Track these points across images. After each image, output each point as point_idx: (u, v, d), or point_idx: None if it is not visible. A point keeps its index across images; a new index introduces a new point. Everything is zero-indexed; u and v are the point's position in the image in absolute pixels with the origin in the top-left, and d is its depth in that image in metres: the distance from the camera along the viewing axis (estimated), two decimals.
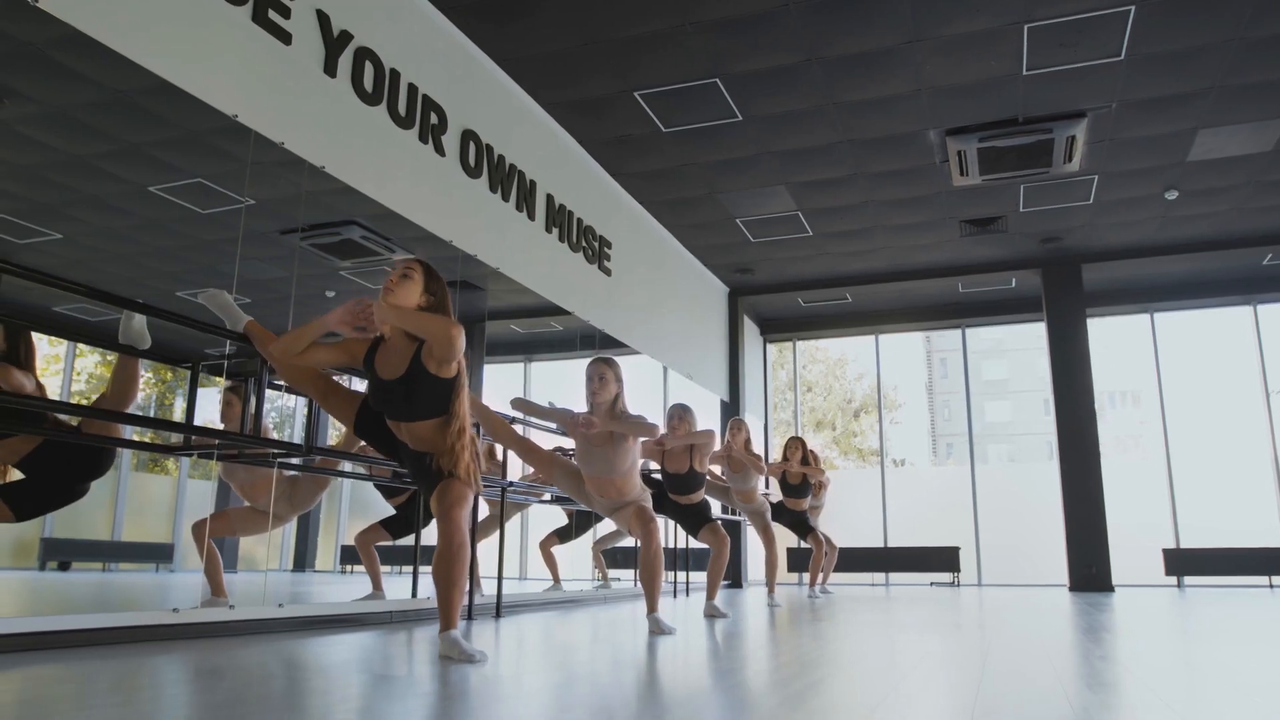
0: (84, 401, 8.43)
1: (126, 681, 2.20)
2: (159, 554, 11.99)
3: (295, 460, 4.13)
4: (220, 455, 3.72)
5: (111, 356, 3.54)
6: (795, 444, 7.44)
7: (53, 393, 3.69)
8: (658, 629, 3.76)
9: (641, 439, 4.04)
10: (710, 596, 4.97)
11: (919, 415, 35.87)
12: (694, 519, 5.19)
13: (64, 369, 11.21)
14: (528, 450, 4.30)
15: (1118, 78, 5.76)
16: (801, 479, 7.35)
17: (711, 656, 3.02)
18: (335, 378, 3.22)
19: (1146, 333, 10.09)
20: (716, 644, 3.41)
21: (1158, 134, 6.54)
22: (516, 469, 6.94)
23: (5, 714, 1.76)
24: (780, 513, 7.44)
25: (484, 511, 6.67)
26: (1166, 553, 9.34)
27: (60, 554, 10.80)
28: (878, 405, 12.10)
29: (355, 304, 2.81)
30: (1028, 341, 8.48)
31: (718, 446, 6.06)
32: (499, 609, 4.85)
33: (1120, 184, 7.42)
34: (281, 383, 4.13)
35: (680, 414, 5.15)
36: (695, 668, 2.71)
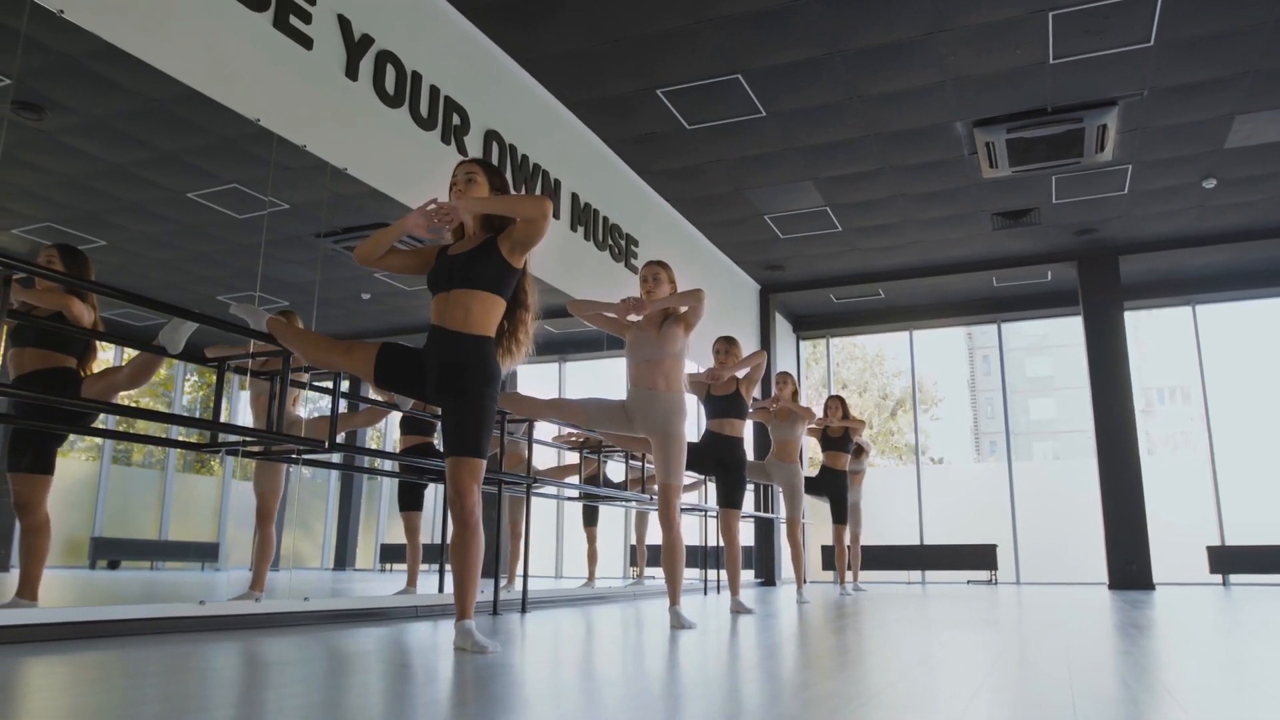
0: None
1: (136, 668, 2.28)
2: (205, 553, 12.25)
3: (321, 457, 4.20)
4: (245, 453, 3.81)
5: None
6: (835, 403, 7.45)
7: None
8: (678, 623, 3.76)
9: (690, 377, 4.09)
10: (734, 593, 4.96)
11: (962, 412, 35.39)
12: (729, 470, 5.08)
13: None
14: (560, 408, 4.38)
15: (1148, 64, 5.66)
16: (842, 432, 7.35)
17: (723, 650, 3.03)
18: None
19: (1189, 326, 9.87)
20: (733, 639, 3.42)
21: (1192, 121, 6.41)
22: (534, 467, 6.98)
23: (51, 695, 1.83)
24: (821, 483, 7.37)
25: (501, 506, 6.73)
26: (1211, 550, 9.13)
27: (110, 553, 11.09)
28: (913, 401, 11.98)
29: (431, 204, 2.81)
30: (1072, 337, 8.34)
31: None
32: (524, 604, 4.90)
33: (1155, 173, 7.27)
34: (305, 378, 4.23)
35: (726, 345, 5.22)
36: (701, 660, 2.72)
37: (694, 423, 7.50)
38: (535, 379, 12.03)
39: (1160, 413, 32.66)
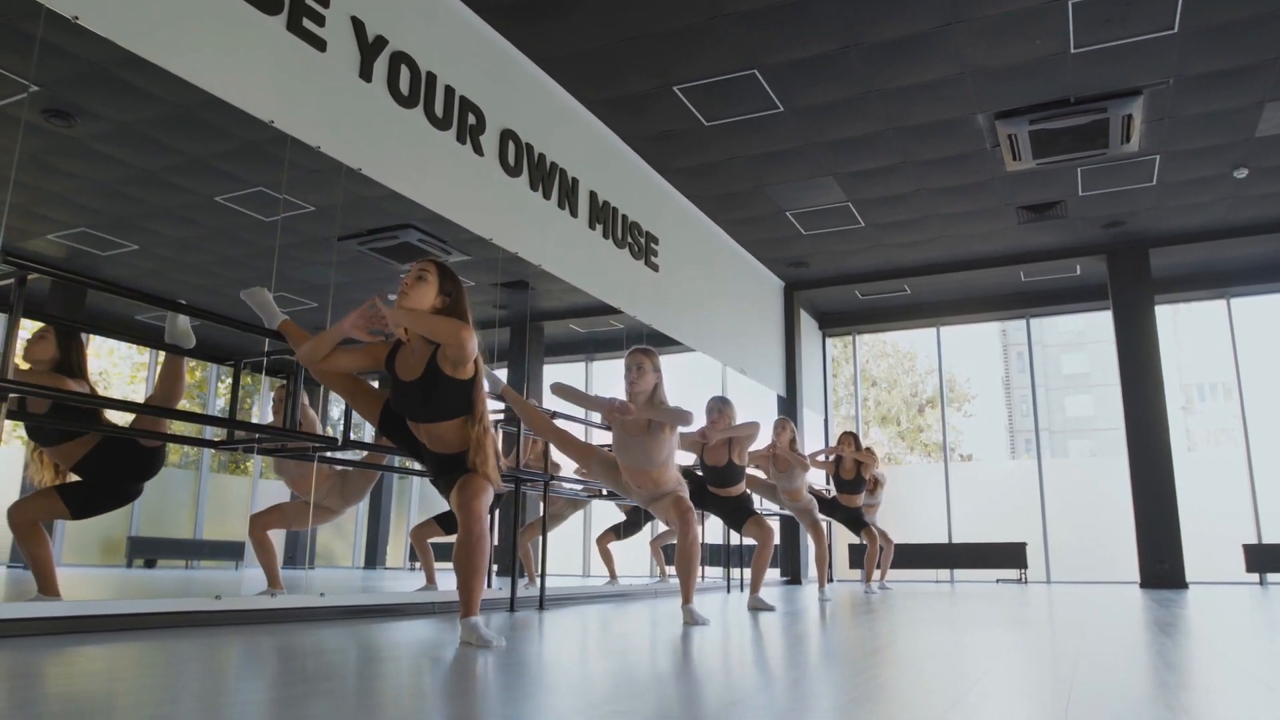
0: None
1: (167, 660, 2.32)
2: (238, 551, 12.44)
3: (337, 454, 4.25)
4: (261, 449, 3.87)
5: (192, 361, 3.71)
6: (847, 438, 7.40)
7: (136, 398, 3.94)
8: (691, 620, 3.76)
9: (682, 429, 4.09)
10: (754, 590, 4.95)
11: (996, 410, 34.93)
12: (736, 513, 5.20)
13: (148, 377, 11.76)
14: (565, 442, 4.37)
15: (1172, 52, 5.55)
16: (855, 474, 7.29)
17: (728, 645, 3.02)
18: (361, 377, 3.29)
19: (1224, 319, 9.67)
20: (743, 634, 3.41)
21: (1221, 109, 6.27)
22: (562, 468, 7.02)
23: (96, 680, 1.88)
24: (834, 509, 7.39)
25: (529, 511, 6.77)
26: (1247, 548, 8.94)
27: (146, 552, 11.30)
28: (940, 398, 11.87)
29: (368, 307, 2.79)
30: (1109, 333, 8.18)
31: (761, 441, 6.03)
32: (542, 601, 4.91)
33: (1184, 164, 7.14)
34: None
35: (719, 407, 5.14)
36: (705, 655, 2.71)
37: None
38: (562, 377, 12.07)
39: (1201, 409, 32.02)
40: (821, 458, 7.54)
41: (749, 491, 5.36)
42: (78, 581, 5.94)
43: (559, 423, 4.75)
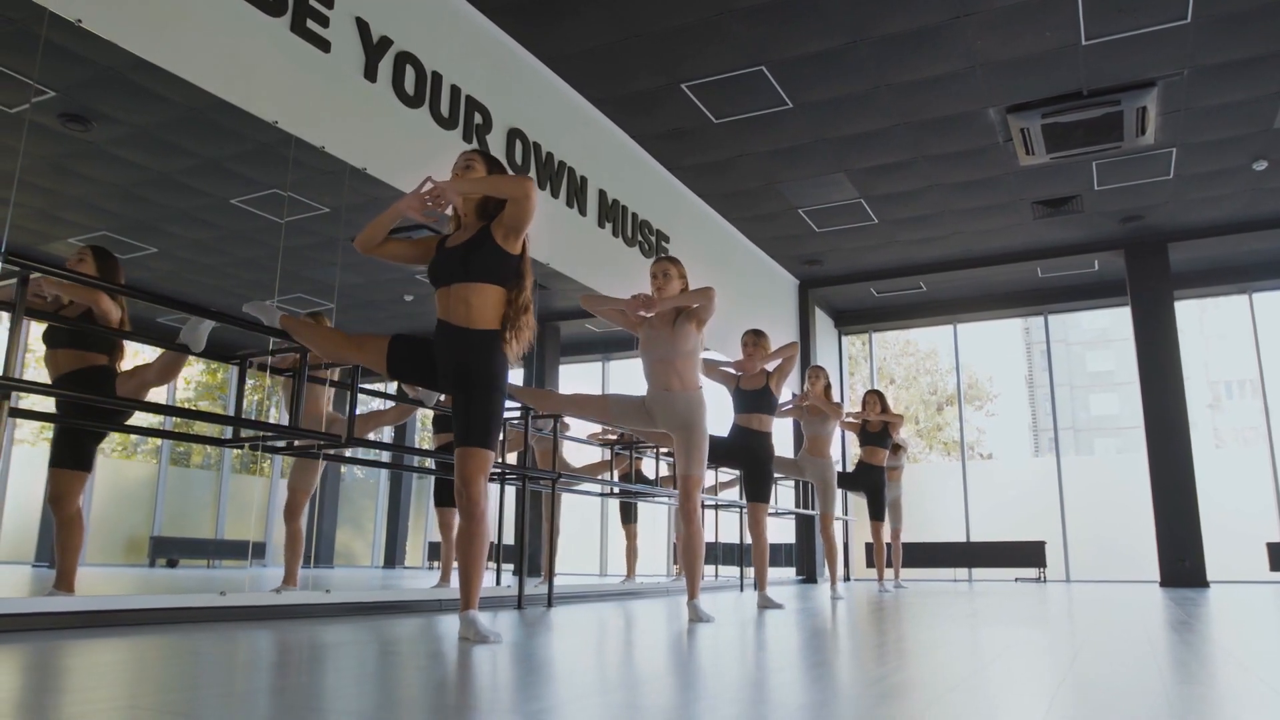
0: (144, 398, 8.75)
1: (187, 653, 2.35)
2: (259, 550, 12.55)
3: (341, 451, 4.28)
4: (266, 448, 3.90)
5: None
6: (873, 396, 7.38)
7: (157, 396, 4.01)
8: (696, 616, 3.76)
9: (724, 368, 4.18)
10: (761, 588, 4.94)
11: (1020, 408, 34.62)
12: (757, 466, 5.08)
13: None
14: (581, 404, 4.40)
15: (1186, 42, 5.48)
16: (881, 427, 7.26)
17: (727, 640, 3.02)
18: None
19: (1246, 314, 9.53)
20: (747, 630, 3.40)
21: (1237, 100, 6.18)
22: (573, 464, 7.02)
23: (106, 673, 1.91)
24: (858, 477, 7.32)
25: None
26: (1271, 546, 8.80)
27: (168, 551, 11.44)
28: (958, 396, 11.78)
29: (424, 185, 2.82)
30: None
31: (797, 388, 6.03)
32: (550, 598, 4.92)
33: (1202, 156, 7.04)
34: (325, 375, 4.30)
35: (754, 339, 5.23)
36: (702, 649, 2.71)
37: (720, 415, 7.46)
38: (579, 377, 12.11)
39: (1229, 406, 31.60)
40: (849, 419, 7.50)
41: (773, 447, 5.29)
42: (100, 579, 6.02)
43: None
